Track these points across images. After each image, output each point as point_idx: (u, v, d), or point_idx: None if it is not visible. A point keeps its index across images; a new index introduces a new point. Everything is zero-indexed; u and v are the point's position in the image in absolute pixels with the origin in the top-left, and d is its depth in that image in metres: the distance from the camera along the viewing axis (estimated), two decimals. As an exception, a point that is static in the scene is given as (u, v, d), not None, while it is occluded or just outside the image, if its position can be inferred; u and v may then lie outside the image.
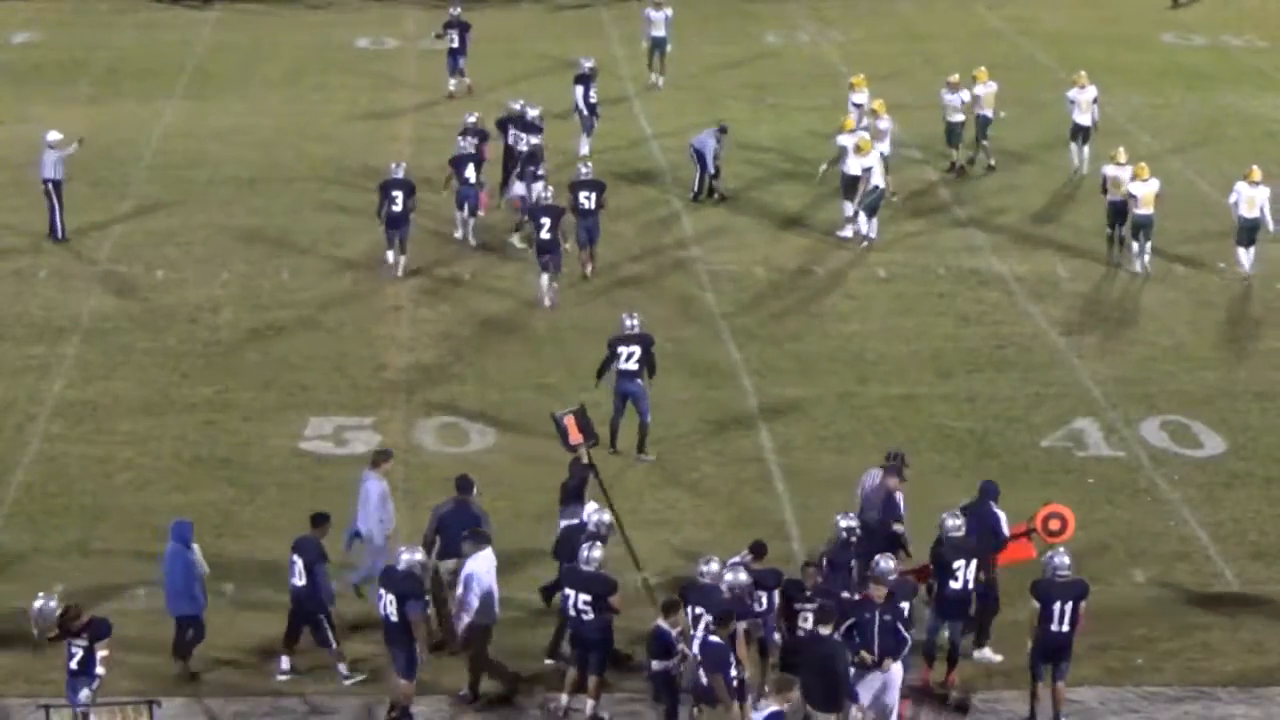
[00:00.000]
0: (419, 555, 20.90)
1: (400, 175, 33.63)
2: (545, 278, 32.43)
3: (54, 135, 35.24)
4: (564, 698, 21.00)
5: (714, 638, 19.52)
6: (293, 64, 48.47)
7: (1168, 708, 21.29)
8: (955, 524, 21.42)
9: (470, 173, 34.89)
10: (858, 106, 38.88)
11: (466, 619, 21.04)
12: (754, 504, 25.54)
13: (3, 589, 23.42)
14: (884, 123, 37.12)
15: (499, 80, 45.63)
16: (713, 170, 37.49)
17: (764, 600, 20.83)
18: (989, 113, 39.43)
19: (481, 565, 21.12)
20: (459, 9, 45.53)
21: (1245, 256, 33.85)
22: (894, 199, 37.03)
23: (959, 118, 39.12)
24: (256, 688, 21.43)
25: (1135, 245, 34.23)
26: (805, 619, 20.46)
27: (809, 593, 20.60)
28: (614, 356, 27.05)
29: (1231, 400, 29.37)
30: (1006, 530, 22.06)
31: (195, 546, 21.60)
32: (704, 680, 19.40)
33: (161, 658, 21.81)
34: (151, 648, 22.01)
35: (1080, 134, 39.51)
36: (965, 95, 39.02)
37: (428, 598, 21.14)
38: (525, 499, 25.72)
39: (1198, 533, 25.19)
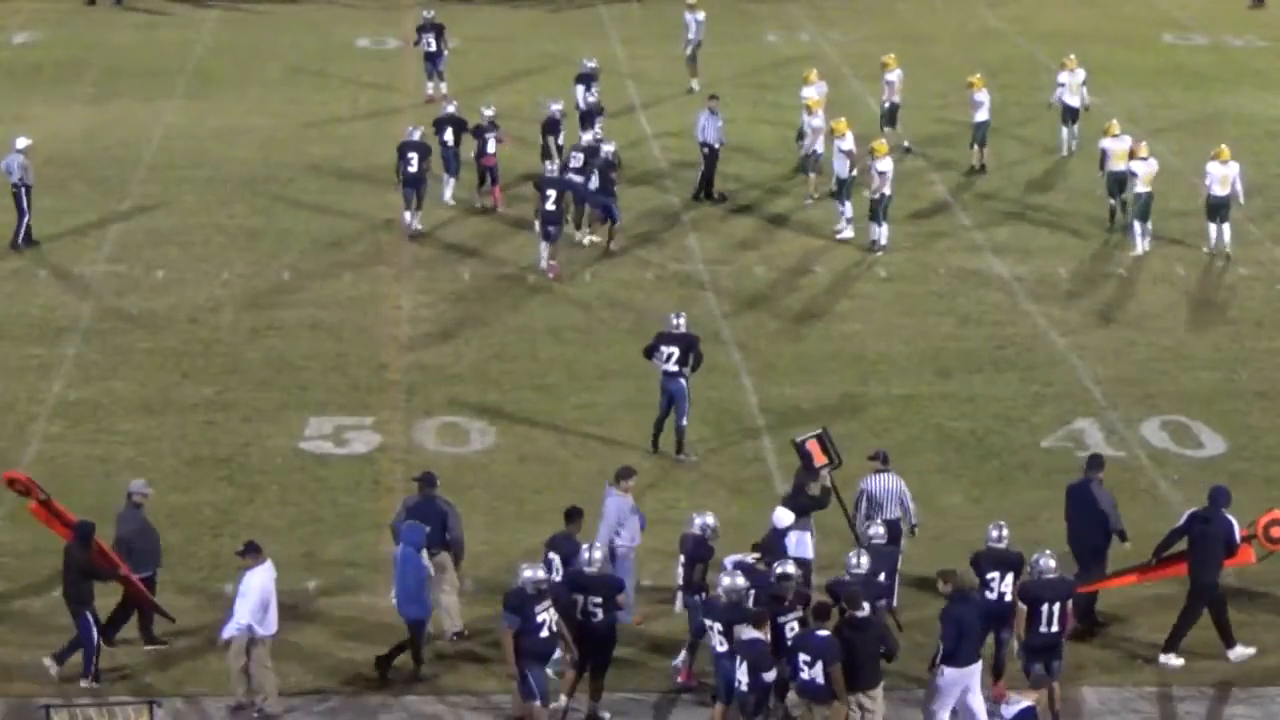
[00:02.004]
0: (540, 573, 20.23)
1: (416, 138, 35.35)
2: (546, 247, 33.39)
3: (23, 141, 35.18)
4: (563, 698, 20.97)
5: (822, 632, 19.45)
6: (293, 64, 48.44)
7: (1168, 708, 21.28)
8: (997, 535, 21.38)
9: (449, 135, 36.36)
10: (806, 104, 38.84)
11: (234, 628, 20.64)
12: (754, 504, 25.50)
13: (3, 589, 23.45)
14: (817, 120, 37.43)
15: (498, 79, 45.65)
16: (719, 143, 37.43)
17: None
18: (898, 99, 40.08)
19: (259, 577, 20.69)
20: (432, 11, 45.42)
21: (1216, 233, 34.65)
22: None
23: (983, 118, 39.10)
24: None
25: (1137, 226, 34.83)
26: (791, 629, 20.33)
27: (787, 603, 20.45)
28: (655, 352, 27.10)
29: (1231, 400, 29.37)
30: (1238, 537, 22.14)
31: (425, 551, 21.39)
32: (818, 679, 19.28)
33: (160, 658, 21.83)
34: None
35: (1070, 115, 40.10)
36: (982, 96, 39.07)
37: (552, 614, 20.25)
38: (525, 499, 25.72)
39: (1198, 532, 25.14)
